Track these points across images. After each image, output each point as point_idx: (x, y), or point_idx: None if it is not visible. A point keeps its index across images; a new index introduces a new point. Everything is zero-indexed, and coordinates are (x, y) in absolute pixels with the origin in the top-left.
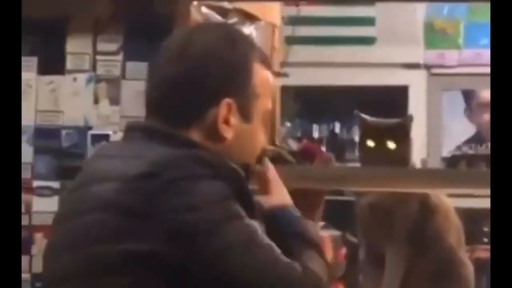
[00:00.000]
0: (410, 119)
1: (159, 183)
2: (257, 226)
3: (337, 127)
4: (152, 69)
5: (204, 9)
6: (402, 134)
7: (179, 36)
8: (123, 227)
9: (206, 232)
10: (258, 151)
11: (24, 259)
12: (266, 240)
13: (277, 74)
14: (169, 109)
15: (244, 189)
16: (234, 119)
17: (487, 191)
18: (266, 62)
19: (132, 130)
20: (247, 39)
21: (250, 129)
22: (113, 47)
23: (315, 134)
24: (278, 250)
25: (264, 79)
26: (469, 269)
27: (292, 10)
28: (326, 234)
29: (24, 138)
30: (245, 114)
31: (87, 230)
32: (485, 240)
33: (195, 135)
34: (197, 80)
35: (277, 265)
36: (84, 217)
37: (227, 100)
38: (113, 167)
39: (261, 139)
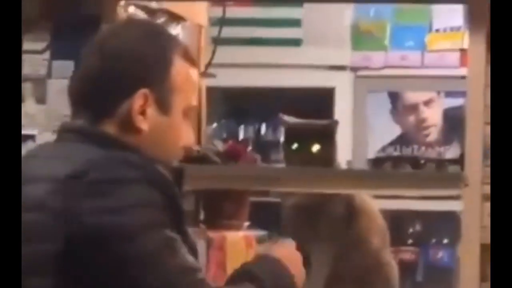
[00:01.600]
0: (335, 123)
1: (82, 185)
2: (176, 237)
3: (263, 128)
4: (76, 65)
5: (131, 9)
6: (327, 137)
7: (104, 31)
8: (47, 227)
9: (121, 237)
10: (179, 147)
11: None
12: (183, 254)
13: (204, 75)
14: (87, 102)
15: (173, 196)
16: (150, 110)
17: (412, 192)
18: (190, 59)
19: (63, 131)
20: (169, 35)
21: (169, 122)
22: (39, 46)
23: (241, 135)
24: (193, 265)
25: (185, 74)
26: (394, 270)
27: (218, 11)
28: (251, 234)
29: None
30: (163, 106)
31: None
32: (410, 241)
33: (110, 128)
34: (111, 72)
35: (186, 280)
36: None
37: (142, 91)
38: (43, 168)
39: (182, 135)
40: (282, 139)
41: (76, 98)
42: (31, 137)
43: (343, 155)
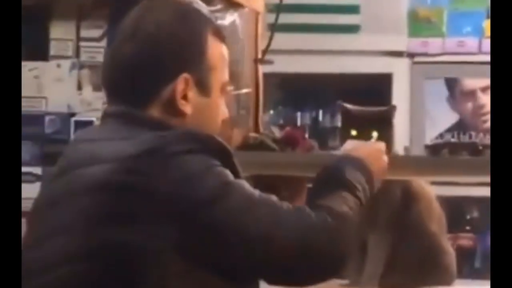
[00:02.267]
0: (393, 109)
1: (158, 160)
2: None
3: (320, 115)
4: (109, 51)
5: None
6: (385, 123)
7: (132, 17)
8: (125, 206)
9: (208, 200)
10: (219, 124)
11: None
12: (263, 194)
13: (261, 61)
14: (127, 89)
15: (232, 162)
16: (192, 94)
17: (469, 179)
18: (220, 36)
19: (108, 116)
20: (198, 13)
21: (209, 102)
22: (96, 33)
23: (298, 122)
24: (275, 200)
25: (219, 52)
26: (451, 256)
27: None
28: None
29: None
30: (203, 88)
31: (84, 212)
32: (467, 228)
33: (155, 113)
34: (151, 58)
35: (281, 215)
36: (77, 200)
37: (184, 75)
38: (102, 149)
39: (221, 112)
40: (339, 125)
41: (114, 85)
42: (90, 123)
43: (401, 141)
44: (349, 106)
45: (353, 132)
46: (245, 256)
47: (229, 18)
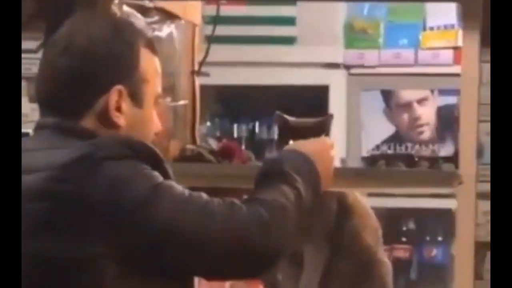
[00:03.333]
0: (330, 118)
1: (87, 166)
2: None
3: (257, 127)
4: (42, 64)
5: (125, 8)
6: (321, 133)
7: (65, 29)
8: (57, 214)
9: (138, 203)
10: (152, 136)
11: None
12: (194, 192)
13: (197, 73)
14: (60, 101)
15: (162, 167)
16: (125, 105)
17: (405, 190)
18: (153, 48)
19: (40, 128)
20: (131, 26)
21: (142, 114)
22: (33, 45)
23: (235, 134)
24: (206, 196)
25: (152, 64)
26: (387, 268)
27: (212, 10)
28: None
29: None
30: (136, 100)
31: (25, 220)
32: (404, 239)
33: (88, 124)
34: (84, 71)
35: (212, 210)
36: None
37: (117, 87)
38: (35, 159)
39: (154, 124)
40: (276, 137)
41: (47, 98)
42: (26, 135)
43: (337, 153)
44: (286, 116)
45: (291, 143)
46: (179, 254)
47: (166, 30)
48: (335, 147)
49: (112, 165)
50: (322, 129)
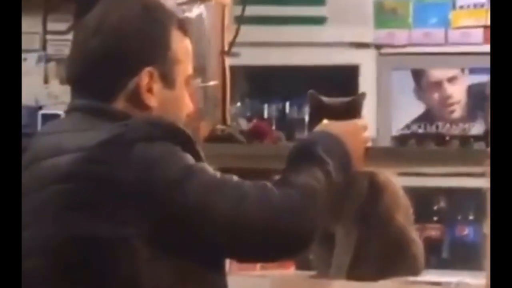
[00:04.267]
0: (362, 96)
1: (119, 148)
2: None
3: (287, 107)
4: (73, 45)
5: None
6: (354, 112)
7: (97, 11)
8: (89, 196)
9: (170, 184)
10: (184, 117)
11: None
12: (225, 175)
13: (227, 54)
14: (91, 83)
15: (194, 148)
16: (157, 87)
17: (436, 170)
18: (184, 29)
19: (72, 110)
20: (163, 7)
21: (174, 95)
22: (63, 26)
23: (265, 114)
24: (237, 179)
25: (183, 46)
26: (419, 247)
27: None
28: None
29: None
30: (168, 81)
31: (50, 204)
32: (435, 218)
33: (120, 106)
34: (115, 53)
35: (244, 193)
36: (43, 192)
37: (148, 69)
38: (68, 141)
39: (186, 105)
40: (308, 115)
41: (78, 79)
42: (57, 116)
43: (368, 133)
44: (318, 96)
45: (324, 122)
46: (211, 235)
47: (195, 11)
48: (367, 129)
49: (144, 147)
50: (354, 108)
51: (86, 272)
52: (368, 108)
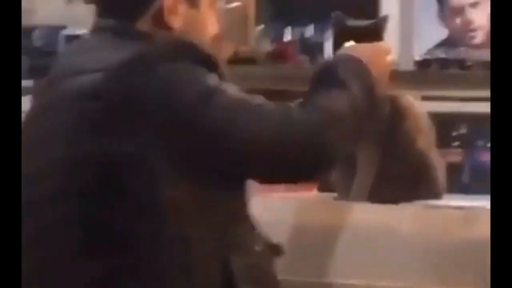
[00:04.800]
0: (385, 19)
1: (143, 67)
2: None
3: (310, 30)
4: None
5: None
6: (377, 34)
7: None
8: (112, 114)
9: (193, 104)
10: (208, 37)
11: None
12: (248, 95)
13: None
14: (115, 3)
15: (218, 68)
16: (181, 7)
17: (458, 93)
18: None
19: (96, 29)
20: None
21: (198, 15)
22: None
23: (288, 37)
24: (261, 98)
25: None
26: (440, 171)
27: None
28: None
29: None
30: (192, 2)
31: (73, 121)
32: (456, 143)
33: (144, 26)
34: None
35: (265, 112)
36: (67, 109)
37: None
38: (91, 60)
39: (210, 26)
40: (331, 39)
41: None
42: (78, 37)
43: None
44: (343, 18)
45: (349, 44)
46: (232, 155)
47: None
48: (391, 52)
49: (167, 66)
50: (377, 30)
51: (103, 190)
52: (391, 32)
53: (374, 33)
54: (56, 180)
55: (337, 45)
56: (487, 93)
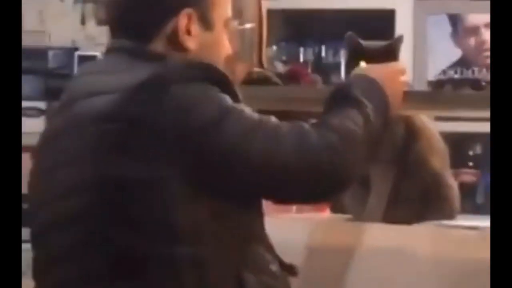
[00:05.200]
0: (400, 40)
1: (158, 89)
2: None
3: (323, 51)
4: None
5: None
6: (391, 55)
7: None
8: (127, 136)
9: (208, 125)
10: (223, 59)
11: None
12: (263, 116)
13: None
14: (130, 24)
15: (232, 89)
16: (195, 29)
17: (472, 114)
18: None
19: (111, 50)
20: None
21: (212, 37)
22: None
23: (301, 57)
24: (275, 120)
25: None
26: (454, 191)
27: None
28: None
29: None
30: (206, 22)
31: (87, 143)
32: (470, 164)
33: (158, 48)
34: None
35: (287, 131)
36: (81, 131)
37: (186, 10)
38: (105, 81)
39: (224, 47)
40: (345, 59)
41: (118, 20)
42: (93, 58)
43: (405, 76)
44: (356, 38)
45: (362, 64)
46: (247, 176)
47: None
48: (406, 72)
49: (181, 88)
50: (392, 51)
51: (120, 213)
52: (404, 53)
53: (388, 54)
54: (72, 203)
55: (351, 66)
56: None
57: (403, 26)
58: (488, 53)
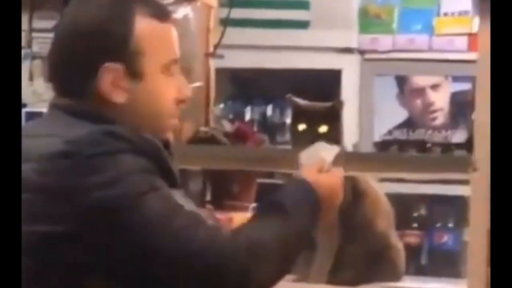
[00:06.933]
0: (341, 103)
1: (75, 161)
2: (177, 194)
3: (270, 110)
4: (50, 45)
5: None
6: (333, 117)
7: (68, 9)
8: (40, 207)
9: (124, 207)
10: (166, 105)
11: None
12: (188, 208)
13: (212, 56)
14: (62, 82)
15: (163, 160)
16: (123, 81)
17: (417, 176)
18: (159, 14)
19: (50, 107)
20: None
21: (145, 87)
22: (49, 24)
23: (248, 116)
24: (201, 216)
25: (152, 32)
26: (400, 253)
27: None
28: None
29: None
30: (134, 74)
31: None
32: (415, 225)
33: (90, 104)
34: (77, 49)
35: (198, 231)
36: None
37: (107, 65)
38: (31, 146)
39: (166, 93)
40: (289, 120)
41: (52, 77)
42: (40, 114)
43: (349, 138)
44: (298, 100)
45: (302, 126)
46: (155, 270)
47: (181, 11)
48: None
49: (100, 161)
50: (333, 113)
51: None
52: (351, 114)
53: (330, 116)
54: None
55: (293, 126)
56: (446, 175)
57: (349, 86)
58: (434, 115)
